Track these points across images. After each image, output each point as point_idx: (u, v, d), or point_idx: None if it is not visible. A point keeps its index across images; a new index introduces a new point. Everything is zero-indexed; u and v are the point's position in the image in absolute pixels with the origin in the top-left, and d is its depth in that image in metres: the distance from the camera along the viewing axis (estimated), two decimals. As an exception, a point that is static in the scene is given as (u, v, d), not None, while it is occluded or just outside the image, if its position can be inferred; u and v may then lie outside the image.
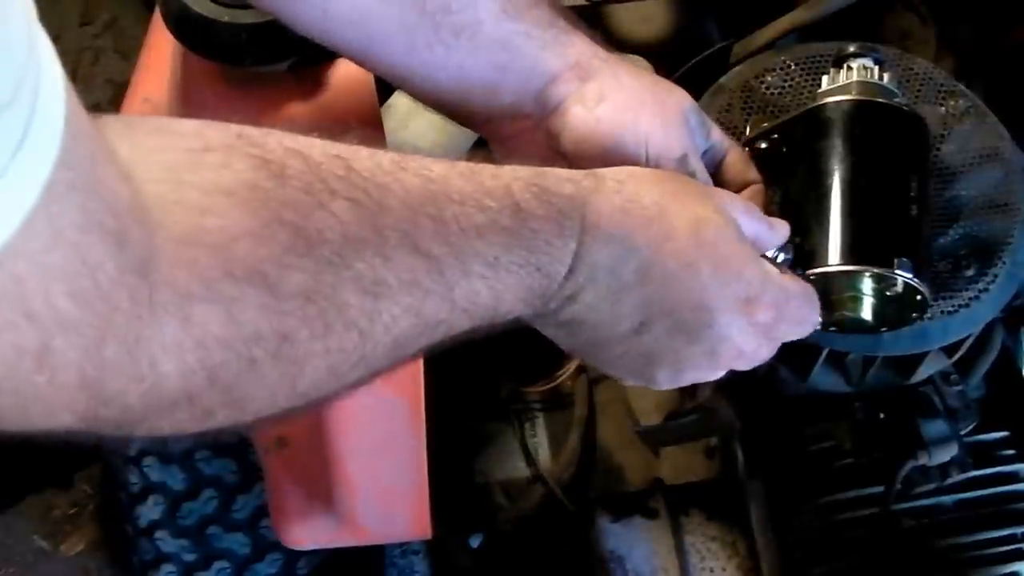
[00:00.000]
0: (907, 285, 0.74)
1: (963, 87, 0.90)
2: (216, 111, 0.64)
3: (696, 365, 0.68)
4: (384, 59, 0.76)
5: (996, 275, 0.83)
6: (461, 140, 1.02)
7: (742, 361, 0.70)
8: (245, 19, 0.86)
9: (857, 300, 0.75)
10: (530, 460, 1.21)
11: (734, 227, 0.68)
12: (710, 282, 0.65)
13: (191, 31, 0.88)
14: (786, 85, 0.90)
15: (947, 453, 0.93)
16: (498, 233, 0.58)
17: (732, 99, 0.90)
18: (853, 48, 0.82)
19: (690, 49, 1.05)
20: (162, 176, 0.46)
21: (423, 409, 0.94)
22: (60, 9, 2.15)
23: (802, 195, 0.78)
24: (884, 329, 0.78)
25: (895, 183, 0.77)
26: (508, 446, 1.22)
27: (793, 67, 0.91)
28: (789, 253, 0.75)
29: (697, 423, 1.03)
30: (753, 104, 0.90)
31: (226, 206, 0.47)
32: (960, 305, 0.83)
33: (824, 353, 0.87)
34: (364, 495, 0.99)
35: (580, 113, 0.75)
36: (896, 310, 0.76)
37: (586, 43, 0.78)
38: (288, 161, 0.50)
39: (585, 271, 0.62)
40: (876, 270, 0.74)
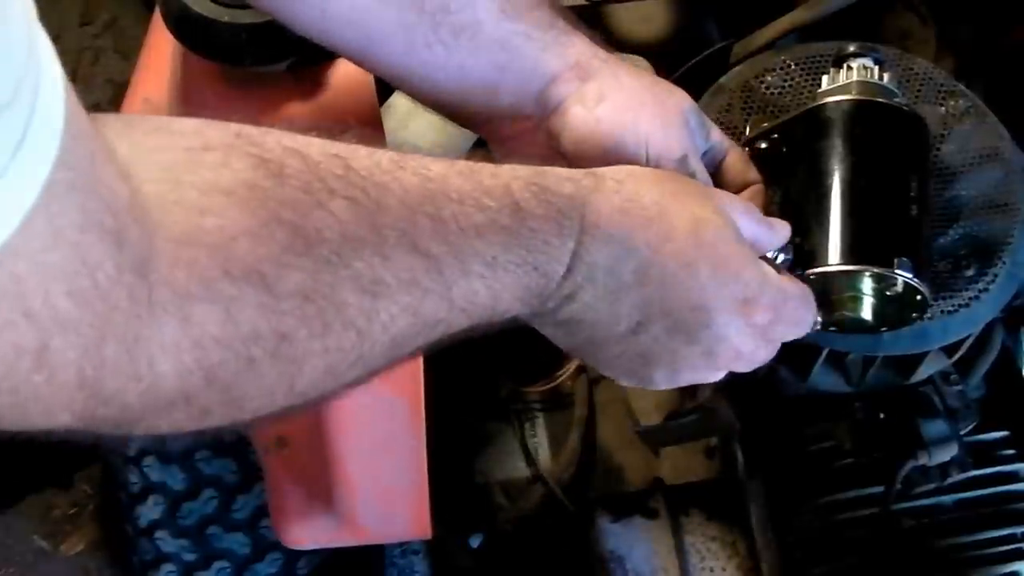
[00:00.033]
0: (907, 285, 0.74)
1: (963, 87, 0.90)
2: (216, 111, 0.64)
3: (694, 366, 0.68)
4: (383, 59, 0.75)
5: (996, 275, 0.83)
6: (461, 140, 1.02)
7: (740, 362, 0.70)
8: (245, 19, 0.86)
9: (857, 300, 0.75)
10: (530, 460, 1.21)
11: (733, 228, 0.68)
12: (708, 283, 0.65)
13: (191, 31, 0.88)
14: (786, 85, 0.90)
15: (947, 453, 0.93)
16: (497, 232, 0.58)
17: (732, 99, 0.90)
18: (853, 48, 0.82)
19: (690, 49, 1.04)
20: (161, 175, 0.46)
21: (423, 409, 0.94)
22: (60, 9, 2.15)
23: (802, 195, 0.78)
24: (884, 329, 0.78)
25: (895, 183, 0.77)
26: (508, 446, 1.22)
27: (793, 67, 0.91)
28: (789, 253, 0.75)
29: (697, 423, 1.03)
30: (753, 104, 0.90)
31: (224, 205, 0.47)
32: (960, 305, 0.83)
33: (824, 353, 0.87)
34: (364, 495, 0.99)
35: (580, 113, 0.75)
36: (896, 310, 0.76)
37: (586, 43, 0.78)
38: (287, 160, 0.50)
39: (583, 270, 0.62)
40: (876, 270, 0.74)
